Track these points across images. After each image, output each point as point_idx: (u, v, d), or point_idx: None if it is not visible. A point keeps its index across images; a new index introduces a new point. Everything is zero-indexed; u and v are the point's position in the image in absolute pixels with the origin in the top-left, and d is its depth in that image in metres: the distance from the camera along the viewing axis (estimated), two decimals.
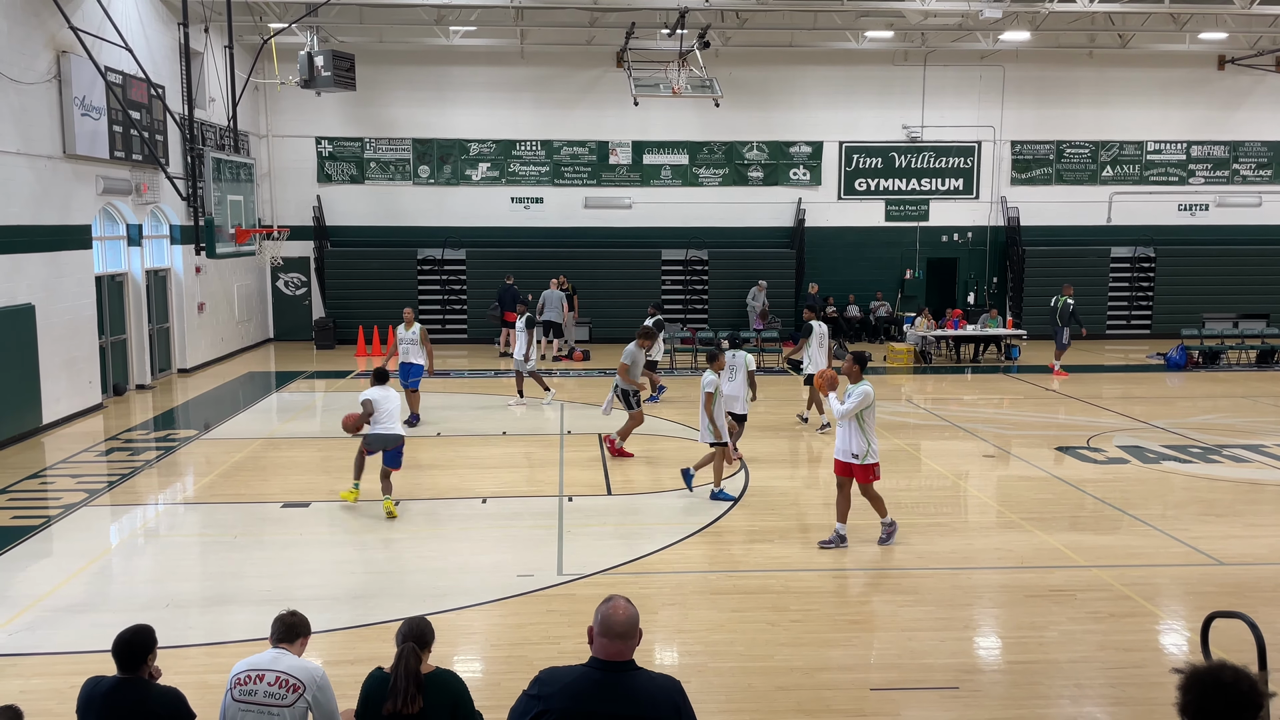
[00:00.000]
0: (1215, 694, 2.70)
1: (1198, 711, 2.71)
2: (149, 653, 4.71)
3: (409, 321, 15.13)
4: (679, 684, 3.85)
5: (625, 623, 3.75)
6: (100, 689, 4.64)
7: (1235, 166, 27.02)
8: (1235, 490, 11.52)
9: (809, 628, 7.72)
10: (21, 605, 8.19)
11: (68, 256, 15.70)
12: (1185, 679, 2.75)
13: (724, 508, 10.86)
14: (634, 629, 3.77)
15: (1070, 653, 7.24)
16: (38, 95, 14.79)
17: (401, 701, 4.41)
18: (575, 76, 25.67)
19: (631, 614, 3.79)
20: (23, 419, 14.35)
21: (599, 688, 3.70)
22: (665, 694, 3.78)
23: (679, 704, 3.78)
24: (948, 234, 26.90)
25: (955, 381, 20.49)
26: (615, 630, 3.73)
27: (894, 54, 25.66)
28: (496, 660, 7.18)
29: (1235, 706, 2.68)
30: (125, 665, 4.64)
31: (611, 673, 3.72)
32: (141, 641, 4.71)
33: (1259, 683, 2.73)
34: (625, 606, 3.80)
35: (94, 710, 4.60)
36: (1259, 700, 2.70)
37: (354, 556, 9.46)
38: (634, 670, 3.77)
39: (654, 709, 3.71)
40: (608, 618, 3.74)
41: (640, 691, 3.73)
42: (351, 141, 25.57)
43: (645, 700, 3.71)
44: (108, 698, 4.61)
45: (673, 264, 25.94)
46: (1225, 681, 2.71)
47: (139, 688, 4.65)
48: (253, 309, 24.97)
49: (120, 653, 4.65)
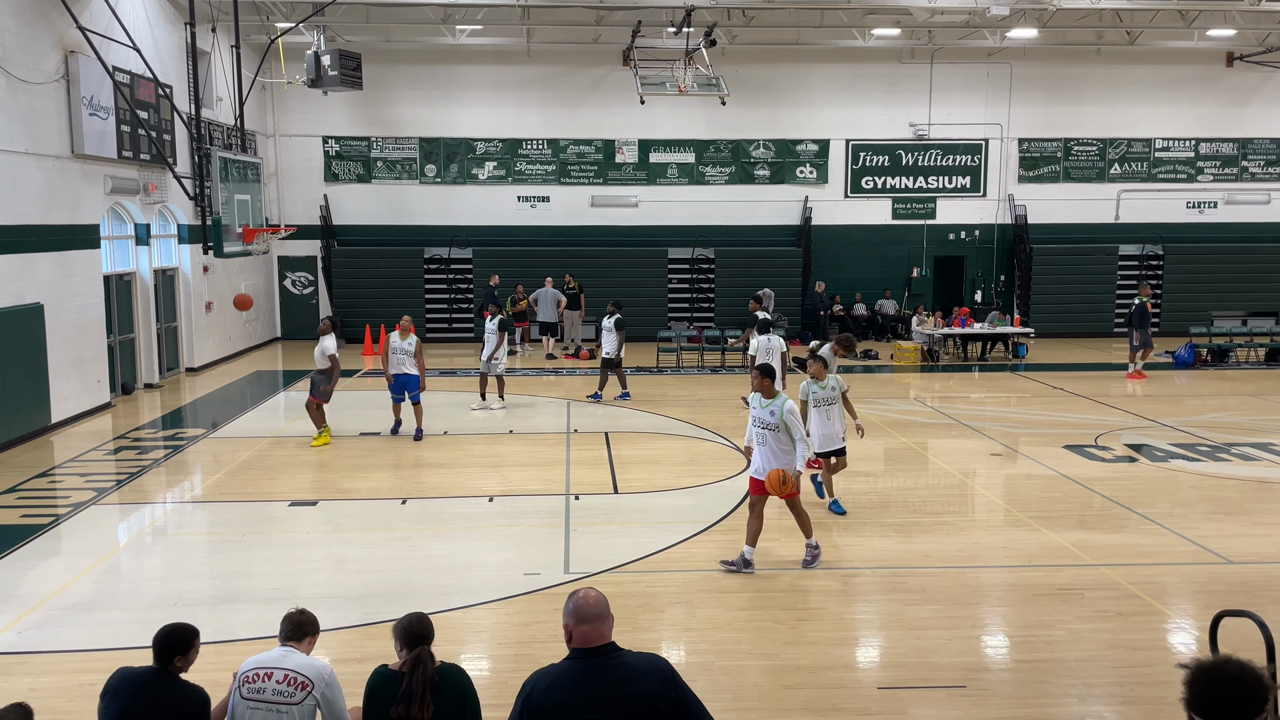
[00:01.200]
0: (1221, 687, 2.69)
1: (1204, 706, 2.70)
2: (182, 650, 4.88)
3: (407, 331, 14.40)
4: (666, 661, 3.88)
5: (597, 604, 3.82)
6: (129, 676, 4.81)
7: (1244, 164, 26.92)
8: (1244, 488, 11.48)
9: (816, 626, 7.71)
10: (30, 603, 8.22)
11: (76, 256, 15.75)
12: (1191, 673, 2.75)
13: (730, 506, 10.85)
14: (606, 609, 3.84)
15: (1078, 651, 7.22)
16: (46, 95, 14.84)
17: (417, 706, 4.40)
18: (581, 75, 25.67)
19: (600, 596, 3.87)
20: (31, 418, 14.40)
21: (585, 675, 3.73)
22: (653, 668, 3.81)
23: (669, 674, 3.80)
24: (955, 232, 26.85)
25: (962, 380, 20.45)
26: (590, 613, 3.79)
27: (901, 51, 25.61)
28: (503, 659, 7.19)
29: (1241, 700, 2.67)
30: (158, 656, 4.82)
31: (595, 658, 3.76)
32: (178, 637, 4.89)
33: (1265, 676, 2.72)
34: (593, 591, 3.89)
35: (119, 695, 4.73)
36: (1265, 693, 2.69)
37: (361, 555, 9.47)
38: (617, 651, 3.81)
39: (644, 683, 3.73)
40: (581, 604, 3.82)
41: (627, 669, 3.76)
42: (358, 141, 25.61)
43: (634, 676, 3.74)
44: (134, 684, 4.75)
45: (679, 263, 25.93)
46: (1231, 675, 2.70)
47: (166, 679, 4.78)
48: (260, 308, 25.02)
49: (156, 644, 4.83)
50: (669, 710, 3.70)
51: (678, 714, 3.72)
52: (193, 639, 4.94)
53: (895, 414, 16.14)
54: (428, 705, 4.43)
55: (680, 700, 3.74)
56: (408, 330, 14.43)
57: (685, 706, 3.75)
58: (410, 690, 4.44)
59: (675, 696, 3.73)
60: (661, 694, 3.70)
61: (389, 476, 12.22)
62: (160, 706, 4.67)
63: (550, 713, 3.66)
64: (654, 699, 3.68)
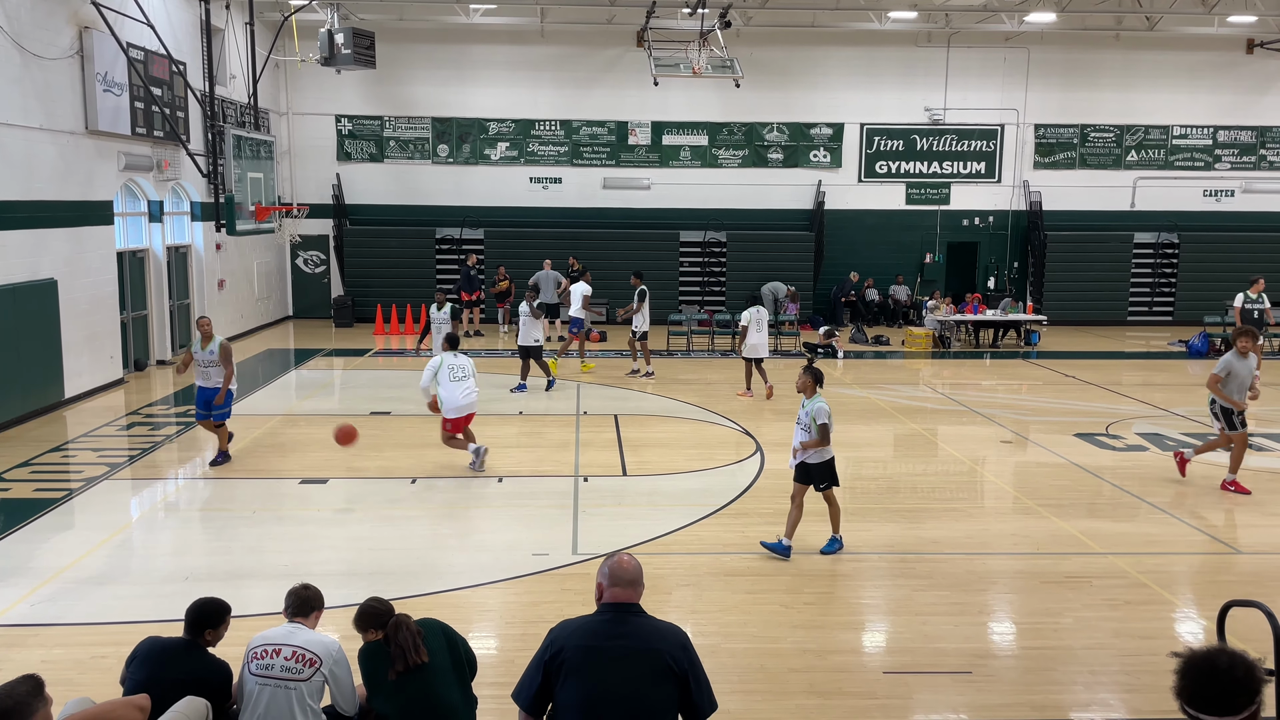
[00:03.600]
0: (1210, 680, 2.71)
1: (1193, 697, 2.73)
2: (213, 624, 5.09)
3: (207, 336, 11.70)
4: (685, 632, 4.13)
5: (632, 570, 4.10)
6: (158, 645, 5.01)
7: (1262, 152, 26.66)
8: (1254, 479, 11.42)
9: (822, 610, 7.73)
10: (43, 577, 8.30)
11: (90, 232, 15.80)
12: (1182, 664, 2.77)
13: (739, 490, 10.85)
14: (640, 577, 4.11)
15: (1085, 639, 7.22)
16: (60, 71, 14.85)
17: (413, 655, 4.81)
18: (595, 56, 25.56)
19: (637, 564, 4.14)
20: (45, 393, 14.49)
21: (610, 625, 4.01)
22: (673, 633, 4.09)
23: (685, 643, 4.06)
24: (969, 218, 26.70)
25: (974, 366, 20.38)
26: (624, 577, 4.05)
27: (917, 35, 25.41)
28: (511, 638, 7.23)
29: (1229, 693, 2.69)
30: (189, 628, 4.99)
31: (621, 613, 4.03)
32: (211, 610, 5.09)
33: (1258, 669, 2.73)
34: (630, 558, 4.15)
35: (147, 663, 4.87)
36: (1255, 686, 2.70)
37: (371, 533, 9.52)
38: (642, 613, 4.09)
39: (662, 641, 4.00)
40: (616, 567, 4.08)
41: (648, 627, 4.05)
42: (371, 120, 25.58)
43: (654, 635, 4.02)
44: (162, 653, 4.90)
45: (691, 245, 25.87)
46: (1220, 668, 2.72)
47: (194, 651, 4.94)
48: (272, 286, 25.09)
49: (188, 616, 5.00)
50: (680, 674, 3.94)
51: (686, 677, 3.96)
52: (224, 614, 5.08)
53: (905, 400, 16.11)
54: (421, 651, 4.84)
55: (691, 669, 3.98)
56: (209, 335, 11.74)
57: (694, 675, 3.99)
58: (402, 646, 4.83)
59: (686, 664, 3.97)
60: (675, 656, 3.95)
61: (400, 455, 12.27)
62: (186, 677, 4.76)
63: (573, 653, 3.92)
64: (668, 658, 3.93)
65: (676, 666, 3.93)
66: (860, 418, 14.68)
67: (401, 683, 4.80)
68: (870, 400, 16.02)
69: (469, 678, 5.10)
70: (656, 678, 3.89)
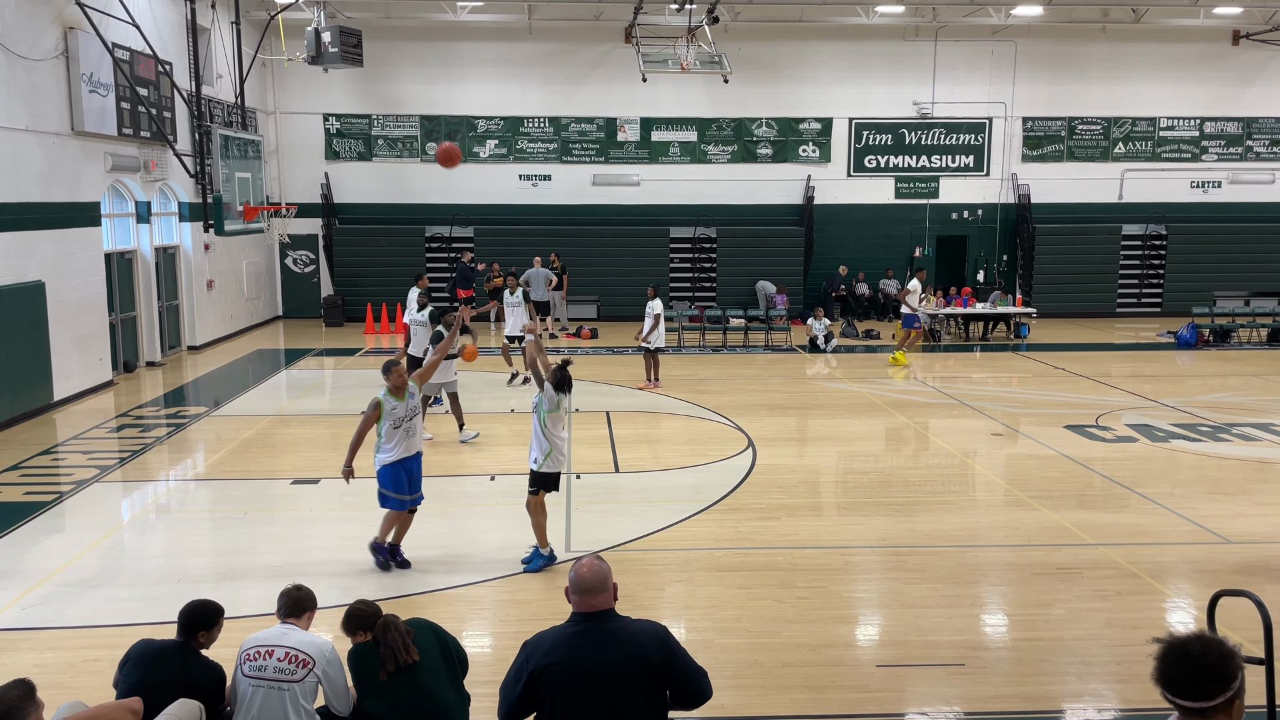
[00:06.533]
0: (1183, 666, 2.76)
1: (1168, 682, 2.78)
2: (206, 626, 5.06)
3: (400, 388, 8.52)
4: (664, 627, 4.03)
5: (593, 577, 3.94)
6: (151, 647, 4.98)
7: (1249, 143, 26.79)
8: (1244, 469, 11.49)
9: (816, 604, 7.74)
10: (34, 580, 8.26)
11: (77, 234, 15.72)
12: (1159, 649, 2.81)
13: (731, 486, 10.86)
14: (605, 582, 3.95)
15: (1077, 630, 7.26)
16: (45, 72, 14.77)
17: (403, 655, 4.82)
18: (583, 52, 25.53)
19: (599, 568, 3.97)
20: (34, 395, 14.42)
21: (582, 638, 3.89)
22: (649, 635, 3.96)
23: (665, 639, 3.96)
24: (958, 211, 26.77)
25: (964, 359, 20.44)
26: (586, 586, 3.92)
27: (905, 29, 25.44)
28: (504, 635, 7.23)
29: (1201, 679, 2.73)
30: (181, 630, 4.96)
31: (595, 622, 3.91)
32: (204, 613, 5.06)
33: (1234, 655, 2.76)
34: (592, 563, 3.99)
35: (140, 665, 4.85)
36: (1229, 672, 2.73)
37: (363, 532, 9.47)
38: (615, 618, 3.96)
39: (639, 648, 3.88)
40: (577, 577, 3.95)
41: (623, 634, 3.92)
42: (359, 118, 25.51)
43: (629, 641, 3.90)
44: (155, 655, 4.87)
45: (681, 242, 25.87)
46: (1193, 654, 2.76)
47: (187, 654, 4.91)
48: (261, 286, 25.01)
49: (181, 618, 4.98)
50: (661, 670, 3.88)
51: (669, 673, 3.90)
52: (218, 616, 5.07)
53: (896, 393, 16.15)
54: (411, 650, 4.85)
55: (673, 661, 3.92)
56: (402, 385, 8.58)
57: (678, 667, 3.93)
58: (391, 646, 4.83)
59: (666, 655, 3.90)
60: (654, 659, 3.87)
61: None
62: (179, 679, 4.74)
63: (549, 671, 3.84)
64: (649, 663, 3.85)
65: (659, 667, 3.87)
66: (851, 412, 14.71)
67: (393, 683, 4.80)
68: (861, 394, 16.05)
69: (461, 676, 5.10)
70: (642, 686, 3.84)
